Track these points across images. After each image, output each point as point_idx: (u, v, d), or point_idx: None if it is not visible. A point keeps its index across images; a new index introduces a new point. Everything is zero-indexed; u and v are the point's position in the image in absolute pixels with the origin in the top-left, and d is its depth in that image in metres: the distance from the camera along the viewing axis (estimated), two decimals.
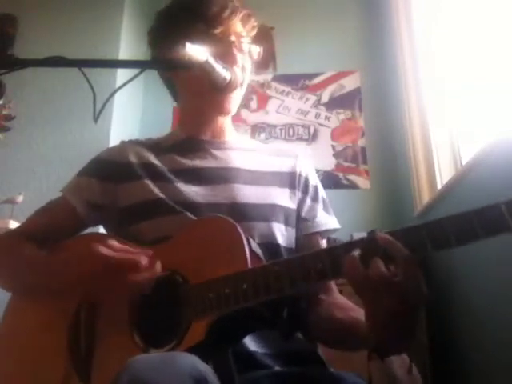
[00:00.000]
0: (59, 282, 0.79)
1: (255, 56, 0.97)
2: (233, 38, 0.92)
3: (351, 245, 0.61)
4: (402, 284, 0.56)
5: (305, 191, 0.97)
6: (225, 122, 0.99)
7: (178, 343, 0.67)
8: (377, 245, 0.58)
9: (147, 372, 0.53)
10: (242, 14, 0.93)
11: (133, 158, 0.94)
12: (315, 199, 0.97)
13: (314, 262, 0.62)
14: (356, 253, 0.59)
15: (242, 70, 0.92)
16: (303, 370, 0.77)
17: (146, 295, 0.75)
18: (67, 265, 0.78)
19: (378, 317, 0.60)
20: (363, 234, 0.62)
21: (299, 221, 0.93)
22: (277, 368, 0.76)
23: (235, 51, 0.91)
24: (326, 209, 0.98)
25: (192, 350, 0.63)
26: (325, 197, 1.00)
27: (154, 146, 0.98)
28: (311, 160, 1.07)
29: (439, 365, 1.98)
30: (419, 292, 0.57)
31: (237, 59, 0.91)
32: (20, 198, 2.32)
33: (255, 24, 0.96)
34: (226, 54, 0.89)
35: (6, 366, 0.82)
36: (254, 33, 0.96)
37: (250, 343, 0.76)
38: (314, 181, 1.00)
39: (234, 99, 0.94)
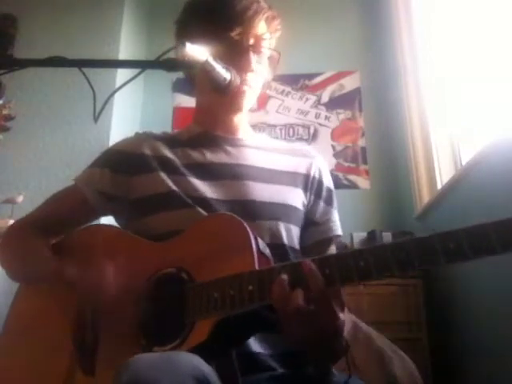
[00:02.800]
0: (61, 285, 0.81)
1: (275, 61, 0.96)
2: (251, 42, 0.91)
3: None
4: (315, 314, 0.61)
5: (318, 194, 0.95)
6: (240, 120, 0.98)
7: (182, 342, 0.67)
8: (301, 272, 0.62)
9: (148, 371, 0.53)
10: (266, 15, 0.92)
11: (147, 150, 0.93)
12: (329, 203, 0.96)
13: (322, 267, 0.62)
14: (285, 277, 0.62)
15: (255, 74, 0.92)
16: (304, 372, 0.77)
17: (152, 292, 0.75)
18: (69, 278, 0.80)
19: (292, 338, 0.64)
20: (363, 234, 0.62)
21: (311, 225, 0.92)
22: (279, 370, 0.76)
23: (251, 56, 0.90)
24: (338, 214, 0.97)
25: (195, 349, 0.63)
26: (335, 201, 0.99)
27: (169, 139, 0.97)
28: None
29: (439, 365, 1.98)
30: (331, 325, 0.62)
31: (251, 65, 0.90)
32: (20, 198, 2.32)
33: (279, 27, 0.96)
34: (241, 58, 0.89)
35: (10, 361, 0.83)
36: (277, 35, 0.96)
37: (253, 344, 0.76)
38: (329, 184, 0.98)
39: (245, 99, 0.93)
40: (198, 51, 0.74)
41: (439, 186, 2.19)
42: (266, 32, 0.93)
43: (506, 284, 1.44)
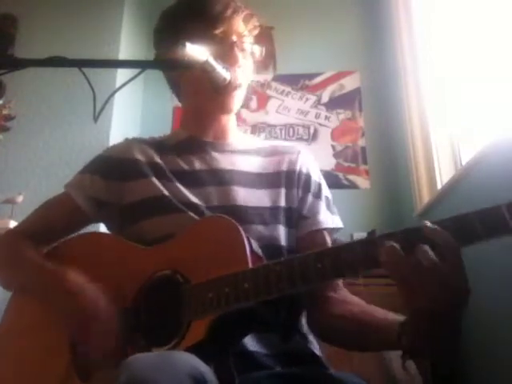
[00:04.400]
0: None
1: (257, 56, 0.97)
2: (234, 38, 0.92)
3: (389, 236, 0.59)
4: (449, 272, 0.55)
5: (306, 189, 0.95)
6: (228, 122, 0.98)
7: (179, 342, 0.67)
8: (420, 234, 0.57)
9: (146, 371, 0.53)
10: (243, 14, 0.93)
11: (139, 156, 0.93)
12: (317, 196, 0.95)
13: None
14: (393, 243, 0.57)
15: (243, 70, 0.93)
16: (303, 370, 0.77)
17: (148, 294, 0.75)
18: (60, 299, 0.79)
19: (420, 305, 0.57)
20: (363, 234, 0.62)
21: (300, 219, 0.92)
22: (277, 368, 0.76)
23: (236, 51, 0.91)
24: (328, 207, 0.95)
25: (192, 349, 0.63)
26: (329, 196, 0.98)
27: (158, 144, 0.98)
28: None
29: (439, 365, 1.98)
30: (463, 283, 0.57)
31: (238, 59, 0.91)
32: (20, 198, 2.32)
33: (257, 24, 0.97)
34: (227, 54, 0.90)
35: (6, 364, 0.82)
36: (255, 32, 0.97)
37: (250, 343, 0.76)
38: (317, 178, 0.98)
39: (236, 98, 0.93)
40: (198, 51, 0.74)
41: (439, 186, 2.19)
42: (245, 30, 0.94)
43: (506, 284, 1.44)
